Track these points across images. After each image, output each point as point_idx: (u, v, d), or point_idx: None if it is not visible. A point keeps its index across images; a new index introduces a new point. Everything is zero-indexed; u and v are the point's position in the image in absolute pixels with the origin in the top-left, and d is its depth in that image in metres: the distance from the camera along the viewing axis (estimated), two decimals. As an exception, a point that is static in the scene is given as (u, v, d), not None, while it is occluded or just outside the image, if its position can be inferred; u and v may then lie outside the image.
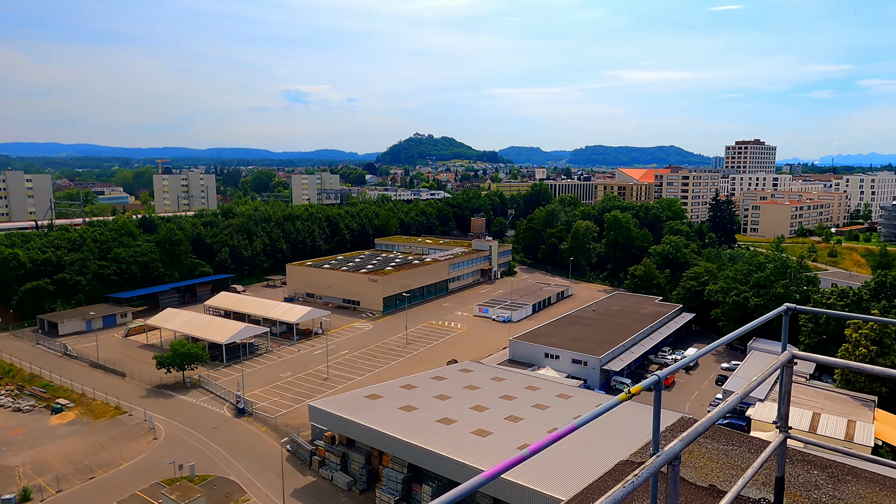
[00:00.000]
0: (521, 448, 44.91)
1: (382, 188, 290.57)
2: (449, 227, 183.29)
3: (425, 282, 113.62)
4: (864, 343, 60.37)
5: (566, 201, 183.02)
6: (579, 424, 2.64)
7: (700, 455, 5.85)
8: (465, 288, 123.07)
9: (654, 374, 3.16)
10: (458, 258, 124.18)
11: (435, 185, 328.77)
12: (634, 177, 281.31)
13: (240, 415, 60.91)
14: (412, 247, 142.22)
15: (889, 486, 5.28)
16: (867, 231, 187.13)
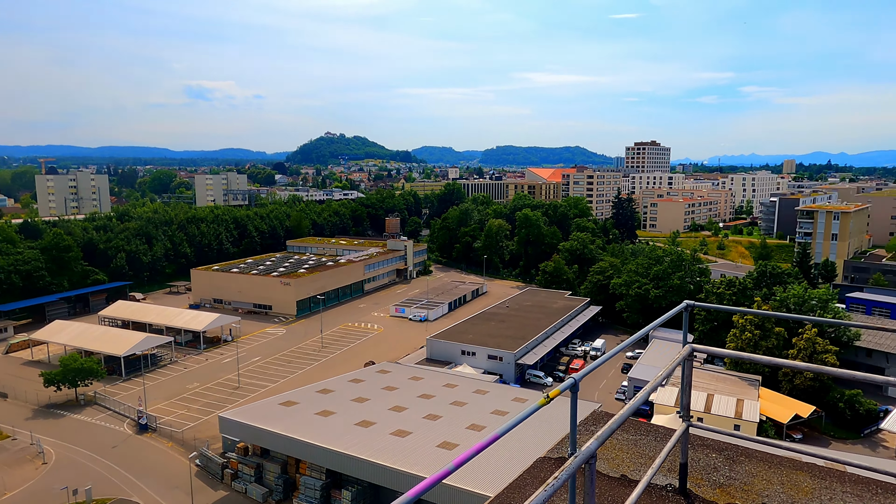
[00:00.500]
0: (440, 446, 45.32)
1: (293, 188, 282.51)
2: (363, 228, 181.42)
3: (340, 283, 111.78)
4: (749, 328, 66.04)
5: (479, 200, 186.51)
6: (501, 433, 2.67)
7: (611, 447, 6.13)
8: (381, 288, 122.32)
9: (570, 377, 3.26)
10: (374, 259, 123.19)
11: (348, 185, 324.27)
12: (543, 176, 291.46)
13: (142, 431, 57.08)
14: (326, 248, 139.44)
15: (776, 464, 5.78)
16: (749, 225, 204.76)
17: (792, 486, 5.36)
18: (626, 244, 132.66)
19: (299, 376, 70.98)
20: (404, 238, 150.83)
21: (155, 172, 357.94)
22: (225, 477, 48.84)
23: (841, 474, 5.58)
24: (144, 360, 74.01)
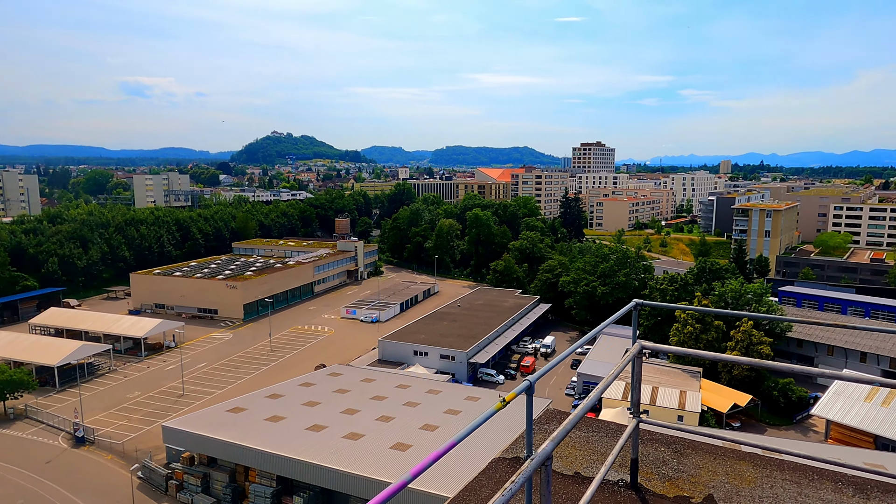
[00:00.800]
0: (394, 447, 44.94)
1: (239, 189, 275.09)
2: (312, 229, 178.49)
3: (289, 286, 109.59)
4: (691, 322, 68.65)
5: (430, 200, 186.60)
6: (458, 440, 2.63)
7: (565, 445, 6.20)
8: (332, 290, 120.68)
9: (525, 380, 3.26)
10: (323, 260, 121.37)
11: (296, 185, 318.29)
12: (493, 176, 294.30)
13: (79, 444, 54.30)
14: (274, 250, 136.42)
15: (720, 455, 5.99)
16: (690, 223, 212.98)
17: (736, 476, 5.56)
18: (573, 243, 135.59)
19: (247, 381, 69.15)
20: (354, 239, 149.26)
21: (90, 172, 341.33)
22: (169, 488, 47.04)
23: (780, 462, 5.84)
24: (80, 369, 70.42)
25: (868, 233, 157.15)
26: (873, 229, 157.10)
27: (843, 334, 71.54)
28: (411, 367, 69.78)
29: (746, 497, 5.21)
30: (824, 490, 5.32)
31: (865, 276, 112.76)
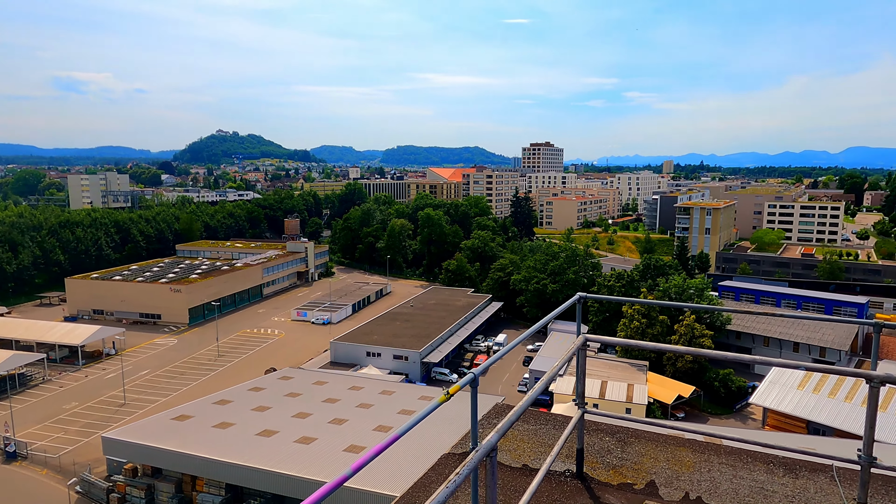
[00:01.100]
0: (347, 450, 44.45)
1: (183, 189, 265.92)
2: (261, 230, 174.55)
3: (237, 288, 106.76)
4: (637, 317, 70.80)
5: (381, 200, 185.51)
6: (401, 433, 2.62)
7: (513, 438, 6.28)
8: (282, 292, 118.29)
9: (470, 373, 3.28)
10: (272, 261, 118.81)
11: (243, 185, 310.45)
12: (444, 176, 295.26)
13: (10, 459, 51.26)
14: (220, 252, 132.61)
15: (661, 442, 6.20)
16: (635, 221, 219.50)
17: (676, 462, 5.77)
18: (524, 241, 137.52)
19: (194, 388, 66.93)
20: (305, 239, 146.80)
21: (19, 172, 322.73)
22: (111, 502, 45.03)
23: (717, 447, 6.08)
24: (10, 380, 66.48)
25: (799, 229, 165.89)
26: (804, 226, 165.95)
27: (778, 326, 75.26)
28: (364, 368, 69.17)
29: (686, 481, 5.41)
30: (757, 472, 5.58)
31: (797, 270, 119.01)
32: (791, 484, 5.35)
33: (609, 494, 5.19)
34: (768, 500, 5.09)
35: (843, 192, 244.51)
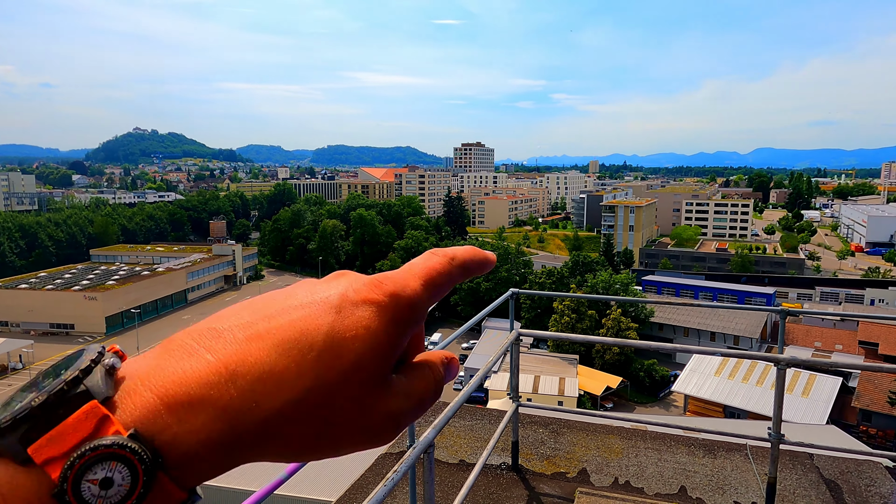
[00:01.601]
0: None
1: (97, 190, 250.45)
2: (184, 233, 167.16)
3: (159, 294, 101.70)
4: (567, 312, 73.07)
5: (312, 201, 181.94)
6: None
7: (449, 435, 6.34)
8: (209, 297, 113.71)
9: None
10: (197, 265, 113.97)
11: (164, 186, 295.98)
12: (376, 176, 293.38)
13: None
14: (140, 256, 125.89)
15: (592, 431, 6.43)
16: (564, 220, 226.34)
17: (606, 449, 6.00)
18: (457, 240, 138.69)
19: (113, 401, 63.20)
20: (232, 242, 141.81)
21: None
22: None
23: (643, 433, 6.38)
24: None
25: (714, 225, 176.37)
26: (717, 222, 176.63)
27: (696, 317, 79.72)
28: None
29: (615, 467, 5.64)
30: (680, 454, 5.89)
31: (713, 263, 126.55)
32: (710, 464, 5.69)
33: (543, 484, 5.33)
34: (690, 479, 5.40)
35: (752, 190, 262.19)
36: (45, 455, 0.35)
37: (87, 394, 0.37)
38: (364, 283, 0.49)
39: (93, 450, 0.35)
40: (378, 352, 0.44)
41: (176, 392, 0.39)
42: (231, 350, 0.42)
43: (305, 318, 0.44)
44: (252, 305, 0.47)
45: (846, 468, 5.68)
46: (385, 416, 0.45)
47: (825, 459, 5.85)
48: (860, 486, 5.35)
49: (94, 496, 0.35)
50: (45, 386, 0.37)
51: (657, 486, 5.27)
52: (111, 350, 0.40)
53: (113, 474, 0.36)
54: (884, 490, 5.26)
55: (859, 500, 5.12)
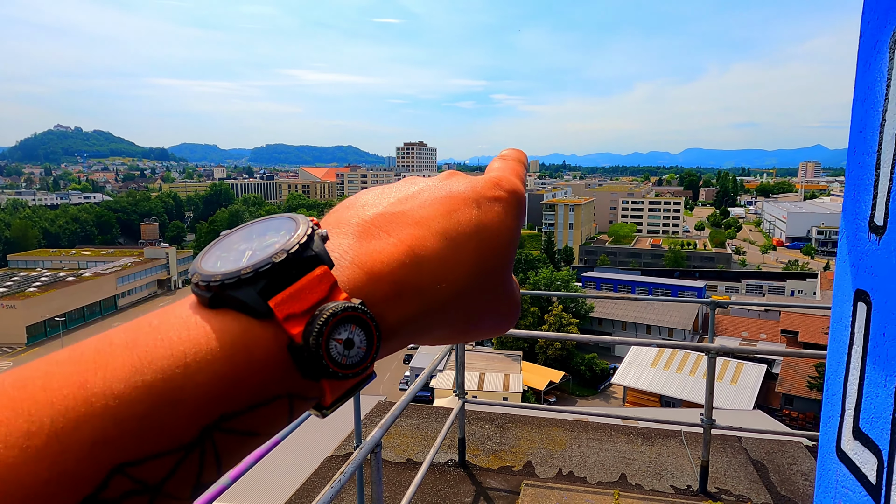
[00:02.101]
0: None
1: (14, 191, 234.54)
2: (113, 235, 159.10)
3: (86, 301, 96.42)
4: (511, 310, 74.24)
5: (250, 201, 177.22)
6: (282, 437, 2.54)
7: (396, 434, 6.33)
8: (141, 302, 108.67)
9: (351, 370, 3.26)
10: (128, 269, 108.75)
11: (90, 186, 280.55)
12: (317, 175, 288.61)
13: None
14: (64, 261, 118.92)
15: (536, 424, 6.57)
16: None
17: (550, 441, 6.14)
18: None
19: (36, 416, 59.42)
20: (165, 245, 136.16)
21: None
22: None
23: (585, 424, 6.58)
24: None
25: (648, 222, 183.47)
26: (652, 219, 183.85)
27: (633, 311, 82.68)
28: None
29: (559, 458, 5.79)
30: (619, 443, 6.11)
31: (648, 259, 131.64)
32: (648, 451, 5.93)
33: (490, 479, 5.41)
34: (629, 466, 5.60)
35: (683, 188, 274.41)
36: (288, 311, 0.36)
37: (317, 258, 0.39)
38: (487, 182, 0.51)
39: (344, 310, 0.37)
40: (513, 243, 0.49)
41: (381, 270, 0.41)
42: (407, 233, 0.44)
43: (457, 210, 0.47)
44: (394, 194, 0.49)
45: (771, 449, 6.05)
46: (514, 300, 0.51)
47: (752, 442, 6.21)
48: (784, 465, 5.71)
49: (339, 354, 0.37)
50: (271, 244, 0.39)
51: (599, 475, 5.45)
52: (314, 222, 0.41)
53: (353, 336, 0.38)
54: (804, 468, 5.64)
55: (783, 477, 5.47)
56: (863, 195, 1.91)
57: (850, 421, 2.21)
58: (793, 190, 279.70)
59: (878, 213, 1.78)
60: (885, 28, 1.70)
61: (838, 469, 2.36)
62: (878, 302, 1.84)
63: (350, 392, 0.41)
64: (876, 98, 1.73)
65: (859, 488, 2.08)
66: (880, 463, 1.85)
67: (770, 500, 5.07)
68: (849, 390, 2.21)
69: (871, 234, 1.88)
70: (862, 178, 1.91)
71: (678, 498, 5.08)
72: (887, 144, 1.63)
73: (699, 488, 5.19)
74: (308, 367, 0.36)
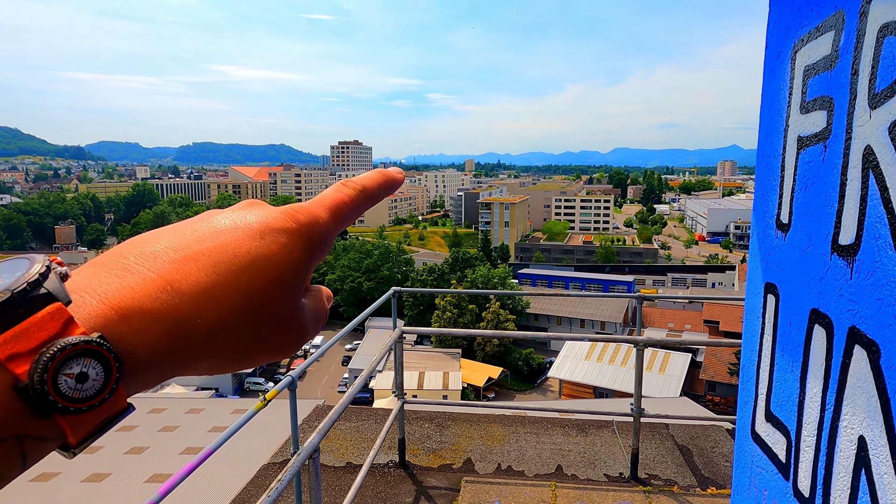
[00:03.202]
0: (149, 481, 40.19)
1: None
2: (24, 240, 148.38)
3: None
4: (449, 308, 74.67)
5: (177, 202, 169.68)
6: (214, 448, 2.46)
7: (335, 438, 6.24)
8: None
9: (287, 376, 3.19)
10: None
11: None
12: (249, 175, 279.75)
13: None
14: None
15: (475, 421, 6.66)
16: (443, 217, 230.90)
17: (489, 437, 6.24)
18: (337, 240, 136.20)
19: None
20: (84, 249, 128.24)
21: None
22: None
23: (523, 419, 6.72)
24: None
25: (580, 220, 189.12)
26: (584, 216, 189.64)
27: (567, 306, 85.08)
28: (166, 387, 62.68)
29: (497, 454, 5.88)
30: (556, 435, 6.28)
31: (580, 255, 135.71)
32: (583, 441, 6.13)
33: (430, 477, 5.43)
34: (565, 458, 5.78)
35: (612, 186, 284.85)
36: (11, 350, 0.35)
37: (50, 296, 0.37)
38: (280, 213, 0.51)
39: (73, 345, 0.36)
40: (297, 273, 0.49)
41: (129, 304, 0.40)
42: (170, 268, 0.43)
43: (235, 242, 0.47)
44: (173, 231, 0.48)
45: (695, 434, 6.40)
46: (298, 329, 0.51)
47: (678, 428, 6.54)
48: (706, 448, 6.05)
49: (70, 388, 0.36)
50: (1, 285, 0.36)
51: (536, 468, 5.59)
52: (55, 261, 0.40)
53: (87, 369, 0.37)
54: (725, 450, 6.00)
55: (706, 460, 5.80)
56: (770, 195, 2.06)
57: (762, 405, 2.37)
58: (712, 188, 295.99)
59: (783, 212, 1.94)
60: (787, 40, 1.85)
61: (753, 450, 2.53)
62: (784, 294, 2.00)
63: (102, 429, 0.40)
64: (780, 105, 1.88)
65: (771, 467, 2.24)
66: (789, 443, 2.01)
67: (695, 482, 5.36)
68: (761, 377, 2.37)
69: (777, 231, 2.04)
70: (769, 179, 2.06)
71: (611, 485, 5.29)
72: (790, 148, 1.79)
73: (630, 475, 5.42)
74: (36, 404, 0.35)
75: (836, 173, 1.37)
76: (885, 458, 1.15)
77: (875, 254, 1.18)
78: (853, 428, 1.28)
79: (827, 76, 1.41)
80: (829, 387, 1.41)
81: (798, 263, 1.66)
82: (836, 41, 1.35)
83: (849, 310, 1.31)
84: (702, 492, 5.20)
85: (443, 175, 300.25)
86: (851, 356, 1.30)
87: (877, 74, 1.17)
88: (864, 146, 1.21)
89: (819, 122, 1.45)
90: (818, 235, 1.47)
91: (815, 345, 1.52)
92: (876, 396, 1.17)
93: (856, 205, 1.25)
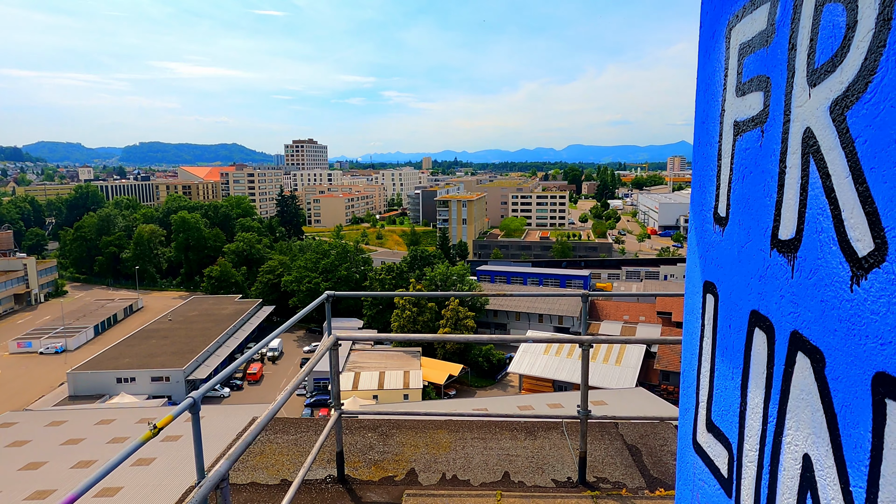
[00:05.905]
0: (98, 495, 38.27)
1: None
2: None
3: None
4: (409, 307, 74.18)
5: (123, 204, 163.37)
6: (79, 493, 2.09)
7: (271, 453, 5.86)
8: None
9: (189, 397, 2.84)
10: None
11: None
12: (199, 175, 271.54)
13: None
14: None
15: (421, 428, 6.38)
16: (401, 215, 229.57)
17: (434, 446, 5.97)
18: (293, 241, 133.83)
19: None
20: (22, 255, 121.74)
21: None
22: None
23: (470, 423, 6.47)
24: None
25: (537, 216, 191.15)
26: (540, 213, 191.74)
27: (526, 302, 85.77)
28: (115, 397, 60.21)
29: (443, 462, 5.62)
30: (504, 440, 6.06)
31: (538, 251, 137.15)
32: (531, 445, 5.93)
33: (371, 492, 5.13)
34: (513, 464, 5.56)
35: (567, 183, 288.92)
36: None
37: None
38: None
39: None
40: None
41: None
42: None
43: None
44: None
45: (645, 432, 6.29)
46: None
47: (628, 426, 6.43)
48: (655, 447, 5.94)
49: None
50: None
51: (482, 476, 5.35)
52: None
53: None
54: (674, 448, 5.90)
55: (655, 460, 5.68)
56: (707, 186, 1.81)
57: (703, 413, 2.13)
58: (663, 183, 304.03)
59: (721, 205, 1.71)
60: (721, 18, 1.67)
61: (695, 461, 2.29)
62: (723, 293, 1.76)
63: None
64: (716, 88, 1.69)
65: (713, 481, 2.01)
66: (731, 456, 1.78)
67: (643, 484, 5.22)
68: (701, 383, 2.13)
69: (715, 225, 1.79)
70: (706, 170, 1.82)
71: (559, 491, 5.10)
72: (727, 134, 1.62)
73: (578, 479, 5.25)
74: None
75: (774, 160, 1.26)
76: (832, 481, 1.04)
77: (817, 250, 1.09)
78: (797, 444, 1.19)
79: (763, 53, 1.30)
80: (772, 397, 1.30)
81: (737, 260, 1.56)
82: (773, 14, 1.24)
83: (790, 312, 1.21)
84: (650, 494, 5.07)
85: (400, 173, 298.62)
86: (794, 364, 1.20)
87: (815, 48, 1.07)
88: (804, 129, 1.11)
89: (756, 105, 1.34)
90: (757, 230, 1.37)
91: (755, 350, 1.41)
92: (821, 411, 1.08)
93: (795, 195, 1.15)
